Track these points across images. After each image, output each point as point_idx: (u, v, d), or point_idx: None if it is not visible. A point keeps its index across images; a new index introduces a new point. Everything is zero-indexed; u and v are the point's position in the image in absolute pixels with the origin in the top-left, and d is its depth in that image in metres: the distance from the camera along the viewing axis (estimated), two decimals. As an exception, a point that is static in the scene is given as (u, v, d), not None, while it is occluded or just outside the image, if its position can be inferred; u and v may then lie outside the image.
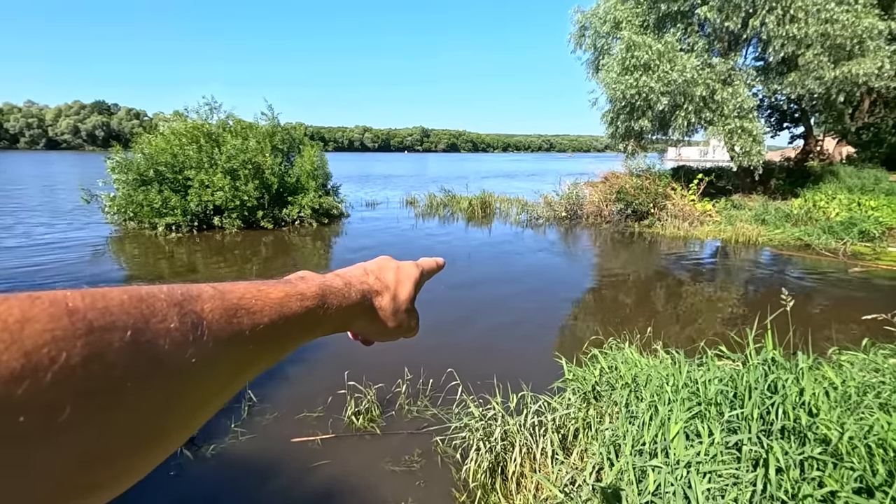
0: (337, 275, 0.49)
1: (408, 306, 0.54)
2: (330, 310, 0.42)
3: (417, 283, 0.56)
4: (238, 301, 0.33)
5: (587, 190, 15.63)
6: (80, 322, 0.22)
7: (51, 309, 0.22)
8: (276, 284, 0.38)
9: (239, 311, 0.32)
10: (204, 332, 0.29)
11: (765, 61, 13.94)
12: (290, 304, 0.37)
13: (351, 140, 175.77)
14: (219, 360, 0.30)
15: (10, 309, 0.21)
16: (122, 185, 11.81)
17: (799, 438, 2.20)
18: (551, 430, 2.96)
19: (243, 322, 0.32)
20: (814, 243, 10.57)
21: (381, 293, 0.50)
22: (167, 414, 0.26)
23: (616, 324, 5.70)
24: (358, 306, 0.47)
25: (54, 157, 70.75)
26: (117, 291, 0.26)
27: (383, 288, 0.51)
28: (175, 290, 0.30)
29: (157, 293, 0.28)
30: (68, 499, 0.22)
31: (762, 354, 2.74)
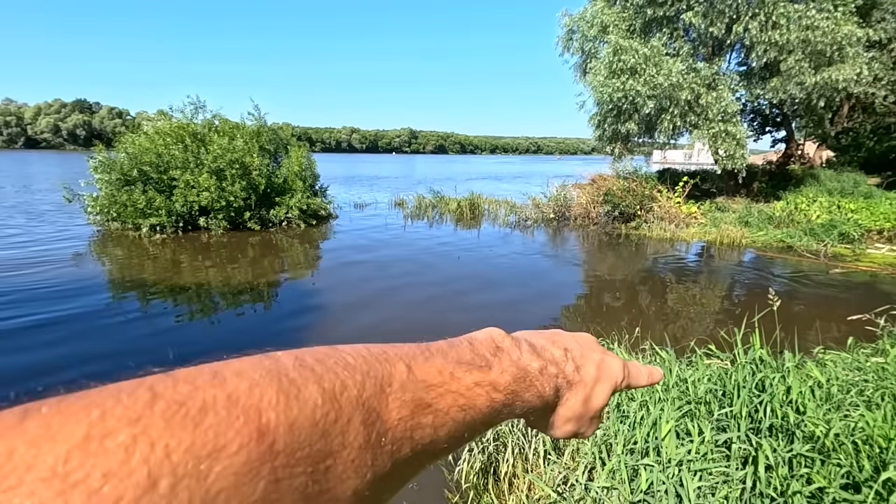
0: (533, 348, 0.37)
1: (596, 413, 0.42)
2: (516, 409, 0.33)
3: (616, 389, 0.43)
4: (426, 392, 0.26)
5: (575, 192, 15.76)
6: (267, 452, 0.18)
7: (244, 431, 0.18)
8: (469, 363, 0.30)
9: (424, 407, 0.26)
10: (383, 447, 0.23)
11: (748, 66, 14.22)
12: (477, 400, 0.29)
13: (338, 141, 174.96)
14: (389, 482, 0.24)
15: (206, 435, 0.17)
16: (105, 184, 11.59)
17: (787, 436, 2.24)
18: (543, 431, 2.97)
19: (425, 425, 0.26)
20: (796, 245, 10.78)
21: (573, 387, 0.39)
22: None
23: (605, 324, 5.75)
24: (551, 402, 0.37)
25: (34, 157, 69.20)
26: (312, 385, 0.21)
27: (579, 383, 0.39)
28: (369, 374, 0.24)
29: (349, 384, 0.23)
30: None
31: (750, 354, 2.78)
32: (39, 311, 6.07)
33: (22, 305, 6.24)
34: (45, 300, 6.50)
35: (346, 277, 8.25)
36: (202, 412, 0.18)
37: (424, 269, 8.72)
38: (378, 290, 7.37)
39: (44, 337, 5.21)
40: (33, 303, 6.36)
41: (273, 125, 14.43)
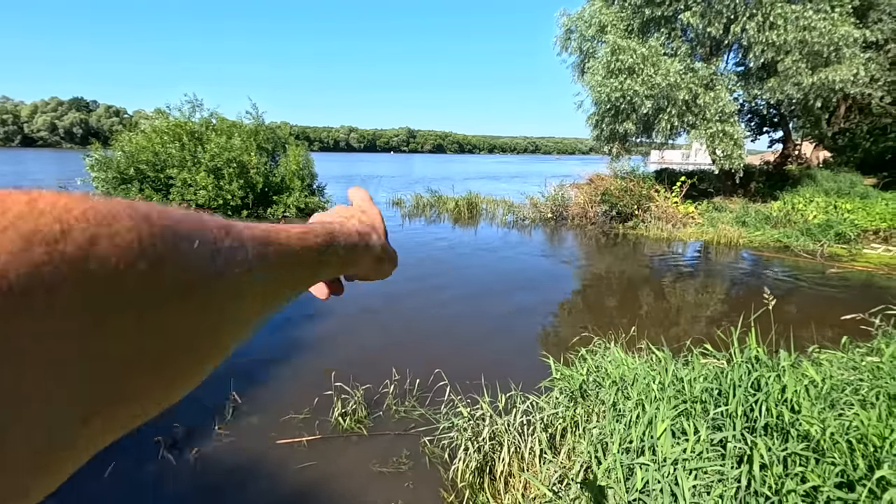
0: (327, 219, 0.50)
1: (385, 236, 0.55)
2: (338, 247, 0.43)
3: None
4: (266, 232, 0.33)
5: (572, 192, 15.77)
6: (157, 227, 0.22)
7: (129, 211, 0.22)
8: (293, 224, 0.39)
9: (270, 240, 0.33)
10: (248, 253, 0.29)
11: (745, 67, 14.25)
12: (307, 239, 0.38)
13: (336, 140, 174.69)
14: (256, 283, 0.30)
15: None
16: (102, 183, 11.55)
17: (782, 435, 2.24)
18: (539, 430, 2.97)
19: (271, 251, 0.33)
20: (792, 245, 10.81)
21: (369, 233, 0.51)
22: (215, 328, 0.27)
23: (602, 323, 5.76)
24: (358, 246, 0.48)
25: (30, 155, 68.93)
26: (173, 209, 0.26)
27: (370, 227, 0.52)
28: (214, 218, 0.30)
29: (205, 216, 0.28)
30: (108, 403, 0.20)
31: (746, 353, 2.79)
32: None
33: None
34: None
35: (343, 276, 8.24)
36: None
37: (421, 267, 8.71)
38: (374, 289, 7.35)
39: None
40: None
41: (271, 124, 14.40)
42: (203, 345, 0.26)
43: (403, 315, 6.29)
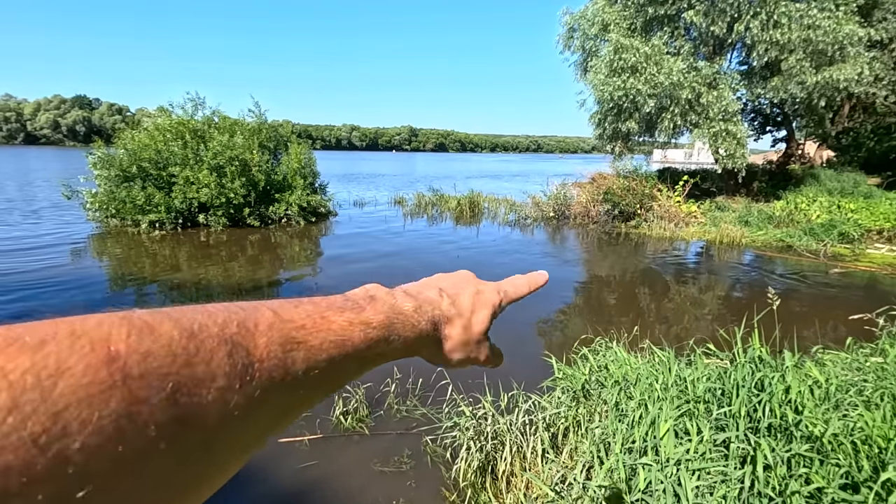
0: (407, 293, 0.43)
1: (480, 338, 0.47)
2: (395, 342, 0.37)
3: (495, 312, 0.50)
4: (296, 331, 0.29)
5: (575, 191, 15.74)
6: (118, 373, 0.20)
7: (90, 356, 0.20)
8: (340, 307, 0.34)
9: (295, 344, 0.28)
10: (253, 376, 0.25)
11: (749, 66, 14.19)
12: (352, 336, 0.32)
13: (339, 138, 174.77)
14: (264, 407, 0.26)
15: (47, 359, 0.18)
16: (104, 181, 11.56)
17: (785, 436, 2.23)
18: (541, 429, 2.97)
19: (297, 360, 0.28)
20: (795, 244, 10.78)
21: (451, 320, 0.44)
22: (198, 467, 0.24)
23: (604, 323, 5.74)
24: (426, 336, 0.41)
25: (33, 152, 69.12)
26: (168, 324, 0.23)
27: (455, 315, 0.45)
28: (231, 318, 0.26)
29: (209, 323, 0.25)
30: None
31: (749, 353, 2.78)
32: (37, 305, 6.06)
33: (20, 301, 6.23)
34: (44, 295, 6.49)
35: (344, 274, 8.24)
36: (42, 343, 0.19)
37: (423, 266, 8.71)
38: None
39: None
40: (31, 298, 6.35)
41: (273, 122, 14.40)
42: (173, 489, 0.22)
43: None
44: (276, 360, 0.27)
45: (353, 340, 0.32)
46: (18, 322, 0.18)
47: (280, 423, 0.29)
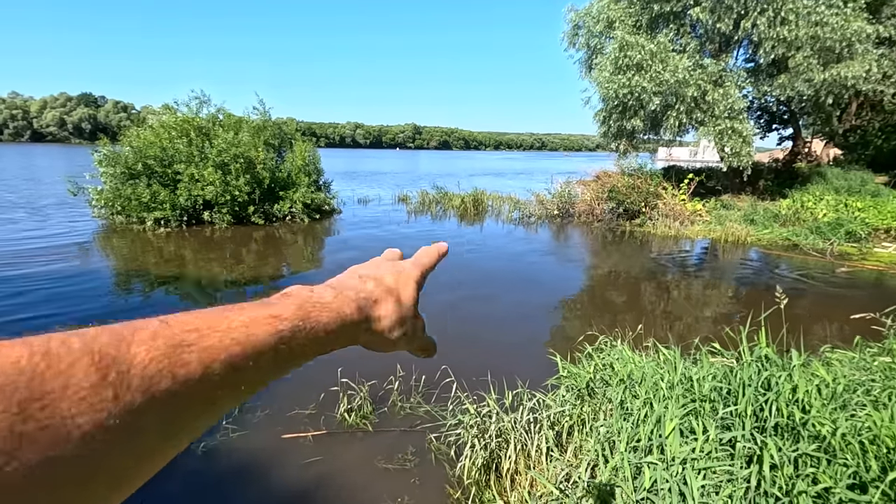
0: (328, 285, 0.43)
1: (412, 312, 0.48)
2: (317, 329, 0.37)
3: (419, 283, 0.51)
4: (186, 334, 0.28)
5: (579, 188, 15.69)
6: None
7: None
8: (242, 306, 0.33)
9: (185, 347, 0.27)
10: (131, 383, 0.24)
11: (755, 63, 14.08)
12: (257, 331, 0.32)
13: (342, 136, 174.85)
14: (151, 416, 0.25)
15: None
16: (110, 178, 11.61)
17: (792, 435, 2.21)
18: (546, 427, 2.96)
19: (190, 362, 0.27)
20: (802, 243, 10.71)
21: (381, 300, 0.44)
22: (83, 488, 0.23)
23: (608, 321, 5.73)
24: (356, 319, 0.41)
25: (39, 150, 69.47)
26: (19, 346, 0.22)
27: (384, 293, 0.45)
28: (104, 332, 0.25)
29: (73, 340, 0.24)
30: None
31: (756, 352, 2.76)
32: (43, 302, 6.10)
33: (25, 296, 6.27)
34: (49, 292, 6.53)
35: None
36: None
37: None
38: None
39: (46, 324, 5.23)
40: (39, 294, 6.39)
41: (277, 120, 14.41)
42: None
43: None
44: (161, 366, 0.26)
45: (259, 335, 0.32)
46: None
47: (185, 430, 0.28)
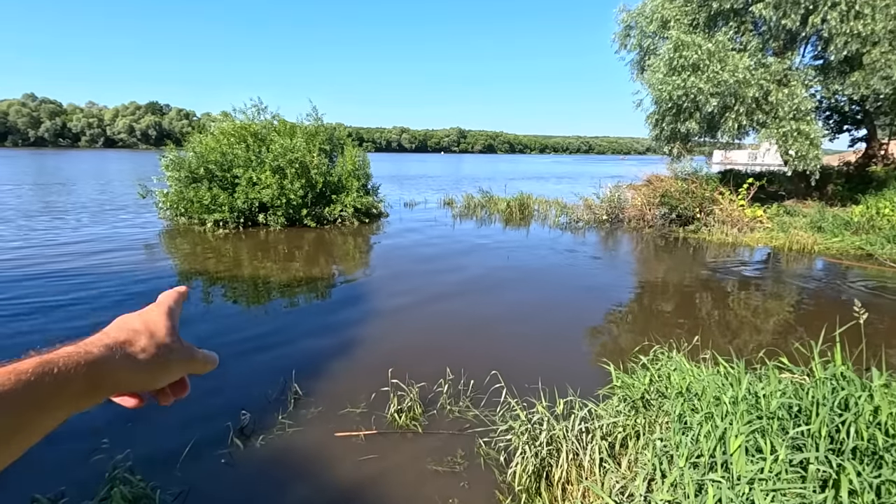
0: (72, 342, 0.49)
1: (172, 339, 0.54)
2: (65, 372, 0.42)
3: (170, 314, 0.57)
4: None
5: (629, 193, 15.24)
6: None
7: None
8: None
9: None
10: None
11: (825, 60, 13.23)
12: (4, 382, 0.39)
13: (389, 141, 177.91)
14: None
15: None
16: (175, 182, 12.36)
17: (873, 460, 2.06)
18: (598, 438, 2.90)
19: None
20: (877, 253, 9.93)
21: (131, 340, 0.51)
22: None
23: (661, 331, 5.53)
24: (106, 359, 0.47)
25: (112, 155, 74.92)
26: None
27: (132, 334, 0.51)
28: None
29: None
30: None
31: (830, 369, 2.59)
32: (114, 292, 6.58)
33: (102, 289, 6.77)
34: (121, 285, 7.03)
35: (396, 273, 8.38)
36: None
37: (471, 267, 8.72)
38: (428, 287, 7.44)
39: (114, 313, 5.63)
40: (111, 287, 6.90)
41: (328, 125, 14.88)
42: None
43: (457, 315, 6.31)
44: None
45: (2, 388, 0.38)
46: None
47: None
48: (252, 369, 4.56)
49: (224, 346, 4.74)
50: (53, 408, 0.42)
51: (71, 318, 5.76)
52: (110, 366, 0.47)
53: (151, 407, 0.54)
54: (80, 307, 6.14)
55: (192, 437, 3.37)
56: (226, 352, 4.76)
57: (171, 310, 0.58)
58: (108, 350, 0.48)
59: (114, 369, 0.47)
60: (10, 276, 7.51)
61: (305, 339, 5.40)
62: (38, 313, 5.86)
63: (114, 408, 0.67)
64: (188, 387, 0.59)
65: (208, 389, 4.05)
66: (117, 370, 0.48)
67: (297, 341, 5.32)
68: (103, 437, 3.24)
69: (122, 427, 3.53)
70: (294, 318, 6.23)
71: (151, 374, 0.52)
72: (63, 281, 7.25)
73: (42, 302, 6.27)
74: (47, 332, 5.27)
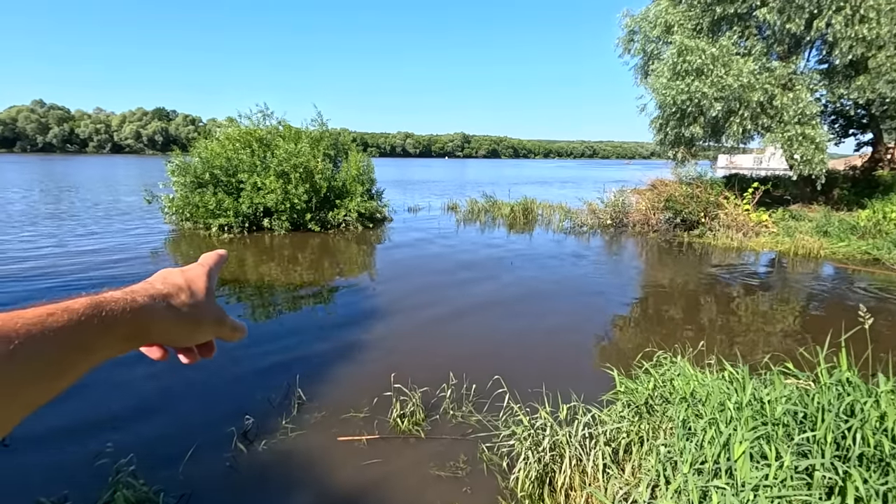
0: (118, 288, 0.50)
1: (209, 300, 0.55)
2: (112, 315, 0.44)
3: (210, 275, 0.58)
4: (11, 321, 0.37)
5: (633, 198, 15.20)
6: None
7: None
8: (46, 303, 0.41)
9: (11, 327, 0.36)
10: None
11: (830, 64, 13.18)
12: (51, 322, 0.39)
13: (393, 146, 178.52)
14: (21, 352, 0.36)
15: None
16: (181, 187, 12.44)
17: (880, 467, 2.04)
18: (602, 443, 2.88)
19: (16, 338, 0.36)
20: (884, 258, 9.85)
21: (173, 294, 0.52)
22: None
23: (666, 336, 5.50)
24: (150, 308, 0.48)
25: (119, 160, 75.55)
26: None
27: (175, 288, 0.52)
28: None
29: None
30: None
31: (835, 375, 2.57)
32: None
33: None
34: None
35: (400, 278, 8.39)
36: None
37: (473, 272, 8.71)
38: (432, 291, 7.44)
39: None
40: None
41: (333, 130, 14.96)
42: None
43: (459, 320, 6.31)
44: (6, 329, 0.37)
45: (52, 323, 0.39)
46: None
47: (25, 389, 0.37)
48: (255, 373, 4.57)
49: (227, 350, 4.75)
50: (97, 349, 0.43)
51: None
52: (152, 315, 0.48)
53: (155, 409, 0.54)
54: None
55: (195, 440, 3.38)
56: (228, 356, 4.77)
57: (211, 271, 0.59)
58: (152, 300, 0.49)
59: (155, 319, 0.48)
60: (14, 280, 7.57)
61: (308, 344, 5.40)
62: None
63: (116, 409, 0.67)
64: (214, 349, 0.60)
65: (211, 392, 4.06)
66: (158, 321, 0.49)
67: (300, 346, 5.32)
68: (107, 440, 3.26)
69: (125, 430, 3.54)
70: (297, 322, 6.24)
71: (186, 330, 0.53)
72: (66, 286, 7.30)
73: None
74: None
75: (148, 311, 0.48)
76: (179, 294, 0.52)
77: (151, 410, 3.87)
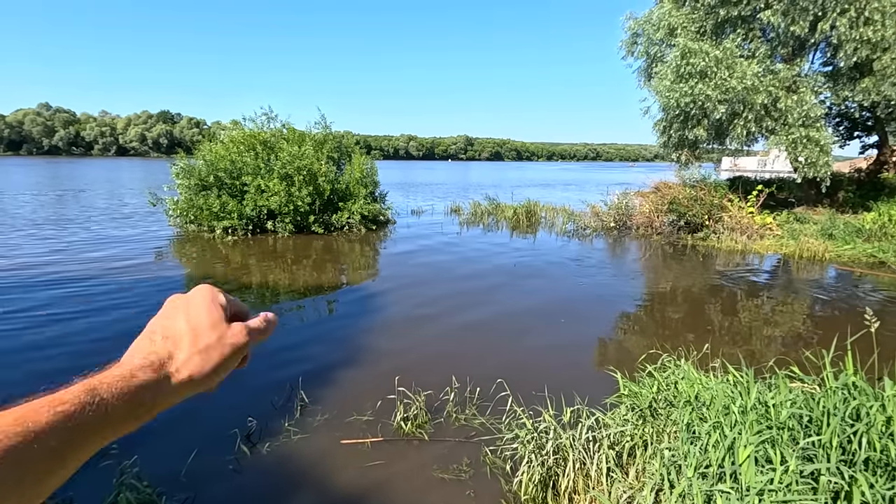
0: (118, 362, 0.45)
1: (218, 333, 0.49)
2: (110, 401, 0.40)
3: (214, 300, 0.51)
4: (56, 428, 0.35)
5: (637, 200, 15.17)
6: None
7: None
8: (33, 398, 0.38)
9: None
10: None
11: (834, 66, 13.14)
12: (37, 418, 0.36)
13: (396, 148, 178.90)
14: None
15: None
16: (185, 189, 12.50)
17: (886, 472, 2.03)
18: (606, 447, 2.87)
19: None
20: (889, 261, 9.79)
21: (173, 355, 0.46)
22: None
23: (670, 339, 5.48)
24: (156, 383, 0.44)
25: (124, 163, 75.98)
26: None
27: (173, 343, 0.47)
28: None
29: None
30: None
31: (841, 378, 2.55)
32: (127, 301, 6.64)
33: (113, 296, 6.84)
34: (133, 292, 7.10)
35: (403, 280, 8.39)
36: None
37: (477, 275, 8.71)
38: (434, 294, 7.44)
39: (120, 322, 5.68)
40: (123, 294, 6.97)
41: (336, 133, 15.01)
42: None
43: (463, 323, 6.30)
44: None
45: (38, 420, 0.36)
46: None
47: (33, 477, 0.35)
48: (258, 376, 4.58)
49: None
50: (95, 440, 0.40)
51: (85, 330, 5.82)
52: (160, 390, 0.44)
53: (159, 413, 0.53)
54: (90, 319, 6.20)
55: (199, 443, 3.39)
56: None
57: (223, 296, 0.53)
58: (155, 373, 0.44)
59: (163, 393, 0.44)
60: (21, 286, 7.62)
61: (312, 347, 5.41)
62: (54, 324, 5.90)
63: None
64: (248, 358, 0.55)
65: (215, 396, 4.06)
66: (169, 394, 0.45)
67: (303, 348, 5.33)
68: (112, 442, 3.26)
69: (130, 433, 3.55)
70: (301, 324, 6.25)
71: (199, 385, 0.48)
72: (73, 290, 7.34)
73: (55, 313, 6.34)
74: (61, 343, 5.33)
75: (156, 388, 0.44)
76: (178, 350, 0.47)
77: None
